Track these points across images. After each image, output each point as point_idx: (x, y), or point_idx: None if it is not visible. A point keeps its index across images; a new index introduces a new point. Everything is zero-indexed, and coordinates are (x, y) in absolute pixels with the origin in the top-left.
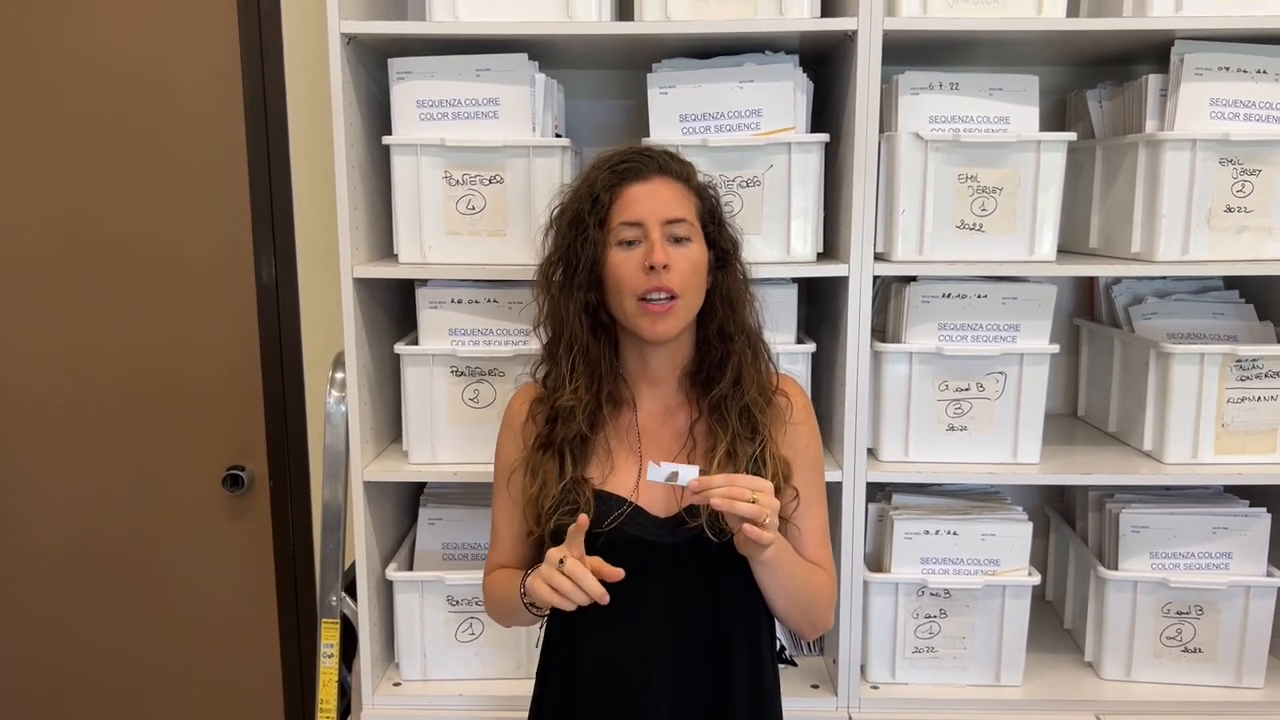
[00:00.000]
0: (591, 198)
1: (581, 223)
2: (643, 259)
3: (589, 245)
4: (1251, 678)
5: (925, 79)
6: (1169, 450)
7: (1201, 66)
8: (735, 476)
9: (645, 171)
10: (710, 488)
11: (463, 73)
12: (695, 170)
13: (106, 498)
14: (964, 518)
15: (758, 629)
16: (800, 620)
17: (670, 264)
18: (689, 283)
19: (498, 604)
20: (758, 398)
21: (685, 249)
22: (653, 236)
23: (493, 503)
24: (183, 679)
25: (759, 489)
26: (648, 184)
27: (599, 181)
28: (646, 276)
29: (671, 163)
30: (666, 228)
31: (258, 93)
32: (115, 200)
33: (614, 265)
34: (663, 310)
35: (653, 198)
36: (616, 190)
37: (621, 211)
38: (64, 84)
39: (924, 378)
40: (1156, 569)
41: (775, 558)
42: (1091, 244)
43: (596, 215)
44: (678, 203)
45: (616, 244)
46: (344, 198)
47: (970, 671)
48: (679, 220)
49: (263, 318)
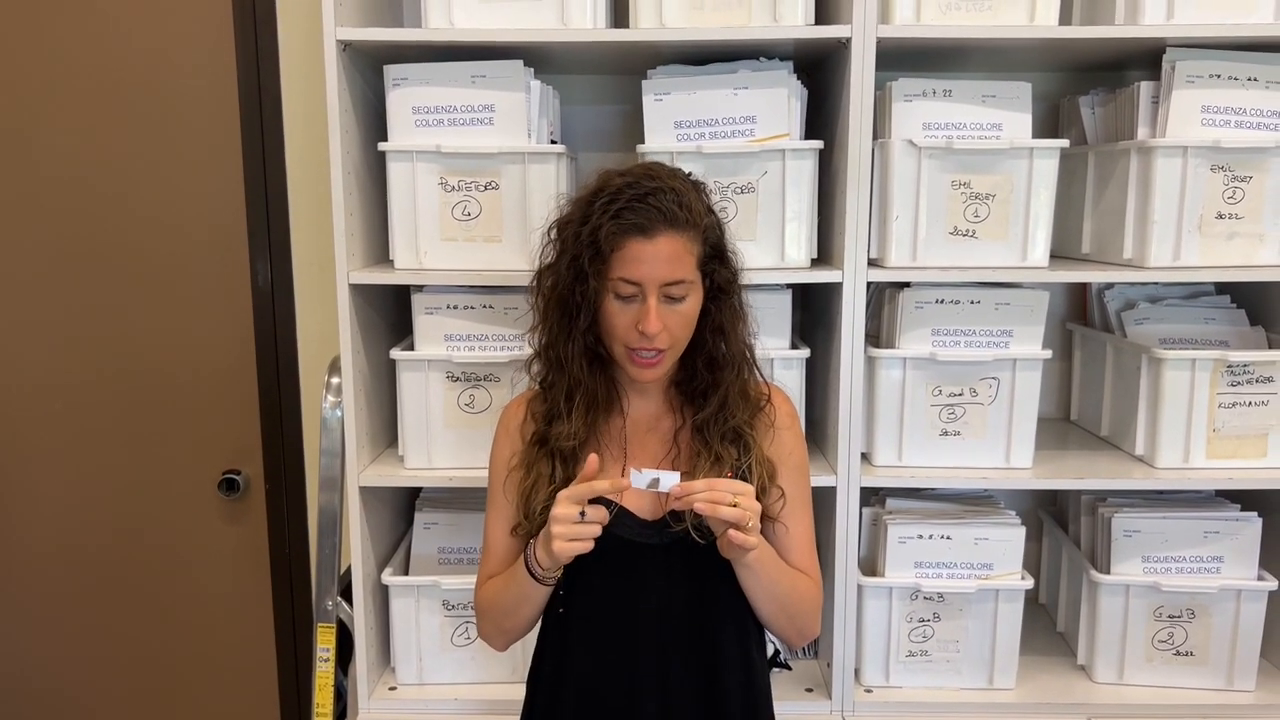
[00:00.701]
0: (593, 245)
1: (581, 271)
2: (636, 319)
3: (590, 293)
4: (1242, 680)
5: (919, 86)
6: (1161, 455)
7: (1193, 74)
8: (716, 481)
9: (650, 228)
10: (692, 493)
11: (458, 79)
12: (702, 198)
13: (102, 501)
14: (957, 522)
15: (746, 630)
16: (786, 626)
17: (663, 326)
18: (679, 335)
19: (498, 607)
20: (746, 418)
21: (680, 305)
22: (649, 302)
23: (487, 516)
24: (179, 683)
25: (740, 492)
26: (652, 243)
27: (603, 231)
28: (638, 337)
29: (679, 213)
30: (664, 289)
31: (253, 99)
32: (111, 205)
33: (608, 314)
34: (650, 363)
35: (654, 259)
36: (619, 241)
37: (621, 266)
38: (59, 89)
39: (917, 383)
40: (1148, 573)
41: (759, 560)
42: (1084, 249)
43: (597, 265)
44: (679, 261)
45: (613, 294)
46: (340, 204)
47: (964, 675)
48: (678, 282)
49: (258, 322)
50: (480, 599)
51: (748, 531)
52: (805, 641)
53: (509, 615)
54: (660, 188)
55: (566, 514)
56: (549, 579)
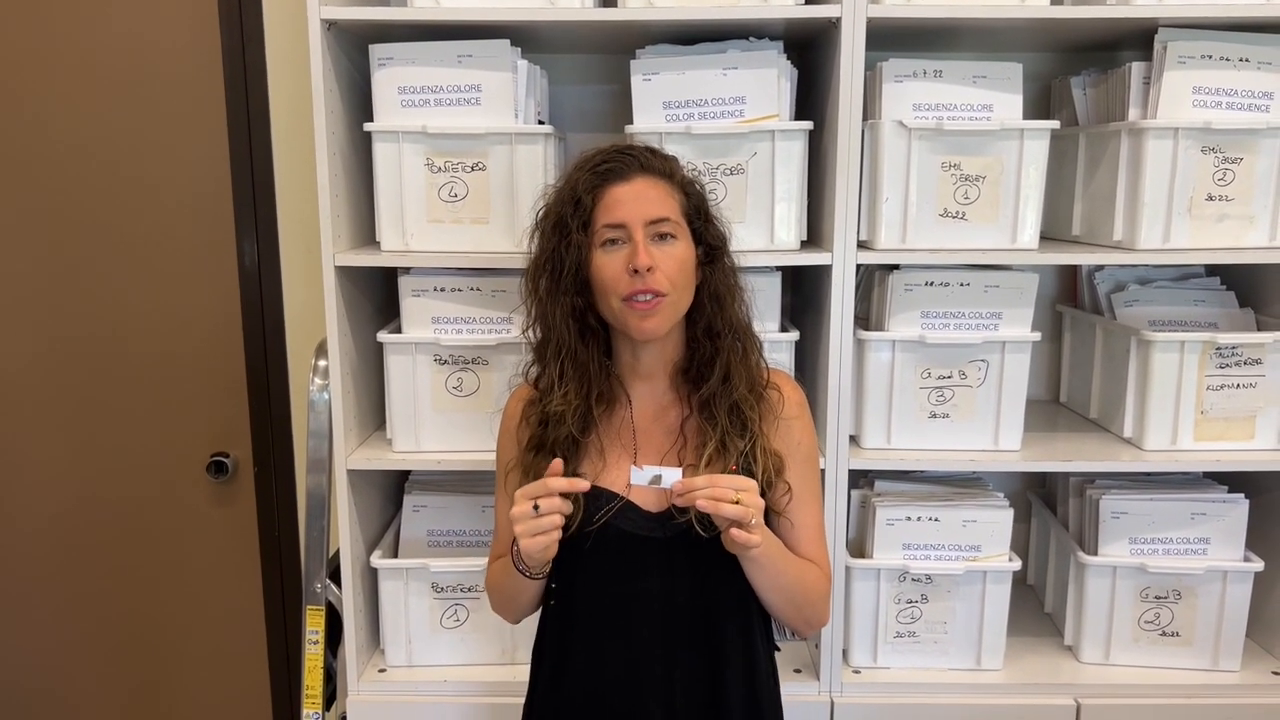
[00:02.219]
0: (574, 200)
1: (565, 226)
2: (626, 261)
3: (573, 249)
4: (1228, 660)
5: (909, 66)
6: (1149, 437)
7: (1184, 55)
8: (717, 477)
9: (626, 171)
10: (693, 489)
11: (444, 59)
12: (679, 165)
13: (91, 484)
14: (945, 504)
15: (750, 623)
16: (794, 615)
17: (655, 264)
18: (676, 279)
19: (500, 590)
20: (747, 394)
21: (670, 247)
22: (636, 238)
23: (496, 499)
24: (170, 665)
25: (742, 488)
26: (630, 184)
27: (580, 184)
28: (631, 279)
29: (653, 160)
30: (650, 228)
31: (238, 79)
32: (96, 186)
33: (599, 268)
34: (649, 307)
35: (635, 198)
36: (598, 192)
37: (604, 213)
38: (44, 68)
39: (906, 365)
40: (1135, 554)
41: (765, 555)
42: (1074, 231)
43: (579, 218)
44: (661, 201)
45: (600, 246)
46: (325, 185)
47: (951, 655)
48: (663, 219)
49: (245, 303)
50: (487, 579)
51: (751, 529)
52: (814, 630)
53: (512, 600)
54: (633, 147)
55: (522, 511)
56: (536, 575)
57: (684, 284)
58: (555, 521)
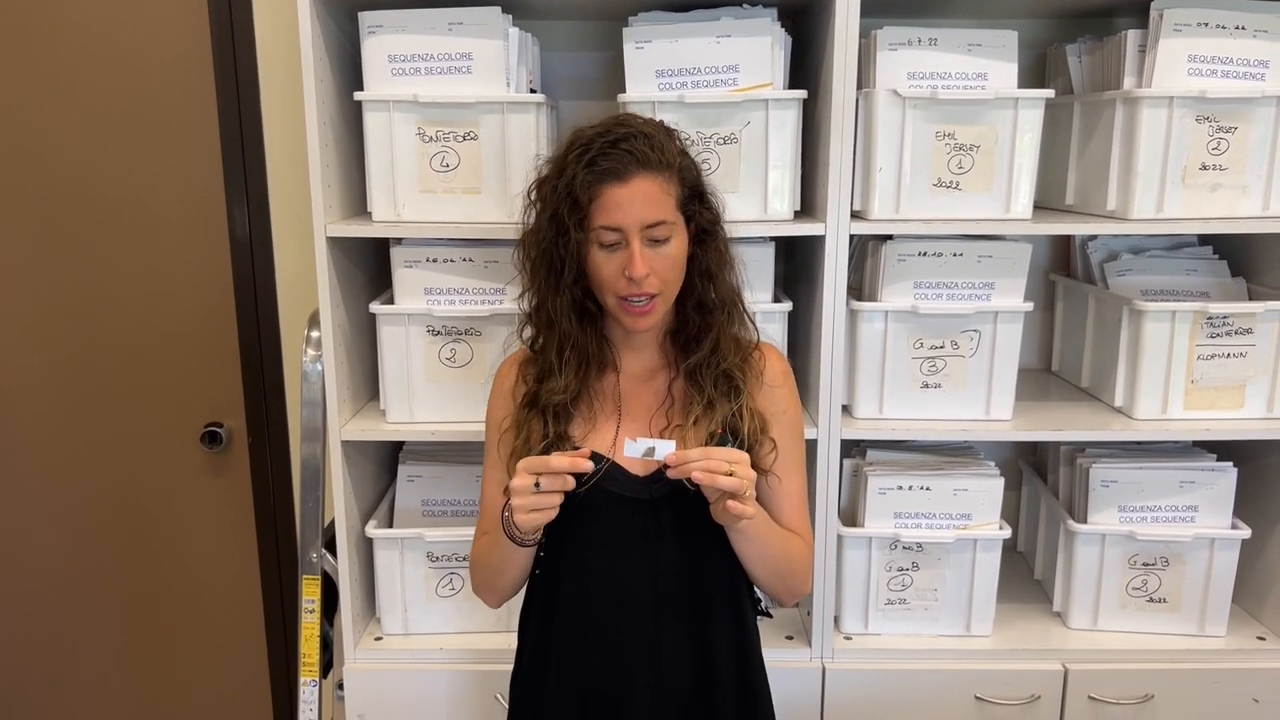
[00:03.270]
0: (570, 199)
1: (562, 224)
2: (622, 265)
3: (572, 245)
4: (1214, 626)
5: (904, 34)
6: (1139, 406)
7: (1180, 22)
8: (711, 450)
9: (624, 171)
10: (688, 461)
11: (435, 26)
12: (677, 145)
13: (85, 456)
14: (937, 473)
15: (736, 586)
16: (777, 586)
17: (650, 270)
18: (669, 277)
19: (486, 565)
20: (736, 361)
21: (665, 248)
22: (633, 246)
23: (484, 475)
24: (166, 634)
25: (735, 460)
26: (627, 186)
27: (578, 181)
28: (627, 283)
29: (651, 154)
30: (646, 232)
31: (227, 47)
32: (85, 156)
33: (595, 265)
34: (642, 311)
35: (632, 203)
36: (595, 191)
37: (601, 215)
38: (29, 38)
39: (899, 336)
40: (1125, 522)
41: (753, 526)
42: (1068, 200)
43: (576, 217)
44: (657, 203)
45: (598, 244)
46: (316, 155)
47: (941, 622)
48: (659, 223)
49: (237, 274)
50: (473, 555)
51: (745, 501)
52: (796, 600)
53: (498, 575)
54: (631, 133)
55: (523, 485)
56: (528, 542)
57: (675, 279)
58: (554, 501)
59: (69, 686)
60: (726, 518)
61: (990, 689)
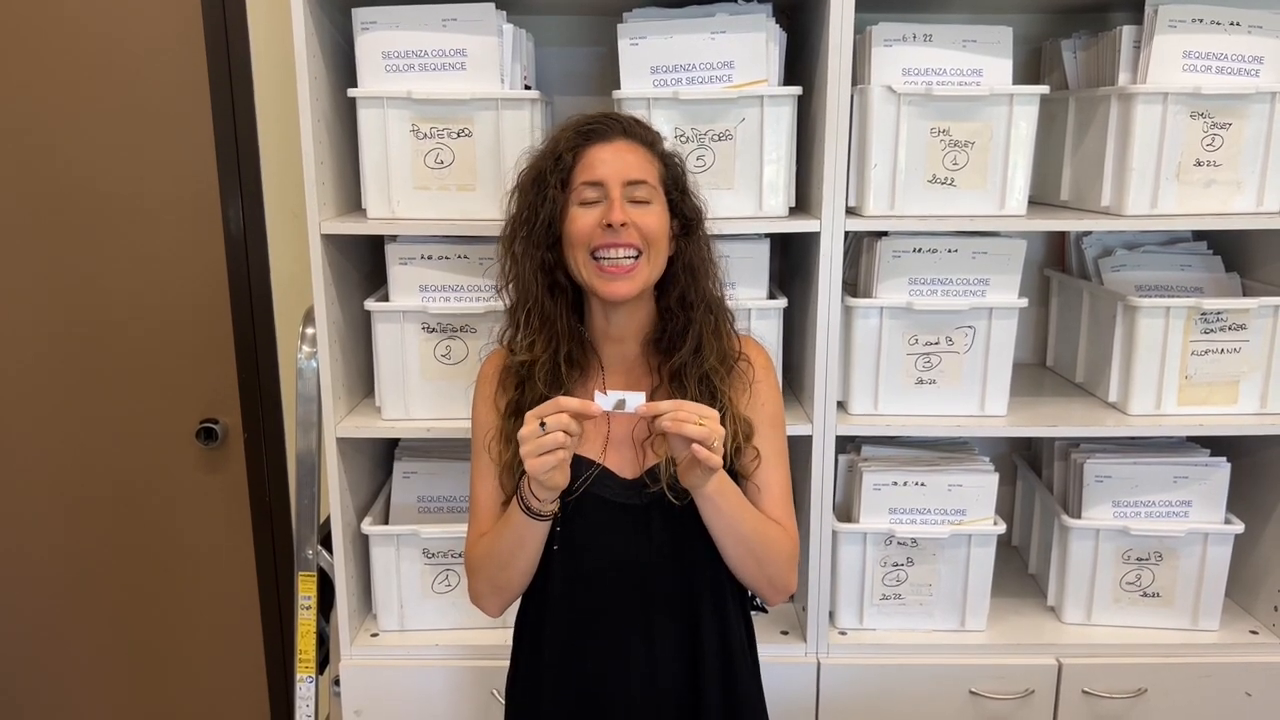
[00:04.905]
0: (555, 157)
1: (544, 182)
2: (600, 217)
3: (549, 204)
4: (1207, 620)
5: (899, 30)
6: (1133, 401)
7: (1175, 18)
8: (682, 402)
9: (609, 133)
10: (658, 412)
11: (429, 23)
12: (661, 138)
13: (80, 451)
14: (931, 469)
15: (723, 590)
16: (756, 573)
17: (630, 221)
18: (650, 237)
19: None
20: (718, 366)
21: (646, 209)
22: (613, 195)
23: (471, 477)
24: (163, 630)
25: (705, 415)
26: (611, 145)
27: (563, 141)
28: (602, 232)
29: (636, 127)
30: (628, 189)
31: (221, 43)
32: (79, 153)
33: (572, 220)
34: (621, 271)
35: (615, 159)
36: (580, 150)
37: (584, 171)
38: (24, 34)
39: (894, 332)
40: (1118, 517)
41: (720, 492)
42: (1063, 196)
43: (559, 174)
44: (640, 165)
45: (578, 203)
46: (310, 152)
47: (936, 617)
48: (640, 182)
49: (232, 268)
50: (473, 557)
51: (712, 449)
52: (780, 595)
53: (505, 566)
54: (616, 114)
55: (530, 431)
56: (545, 511)
57: (657, 248)
58: (560, 440)
59: (65, 682)
60: (694, 476)
61: (984, 683)
